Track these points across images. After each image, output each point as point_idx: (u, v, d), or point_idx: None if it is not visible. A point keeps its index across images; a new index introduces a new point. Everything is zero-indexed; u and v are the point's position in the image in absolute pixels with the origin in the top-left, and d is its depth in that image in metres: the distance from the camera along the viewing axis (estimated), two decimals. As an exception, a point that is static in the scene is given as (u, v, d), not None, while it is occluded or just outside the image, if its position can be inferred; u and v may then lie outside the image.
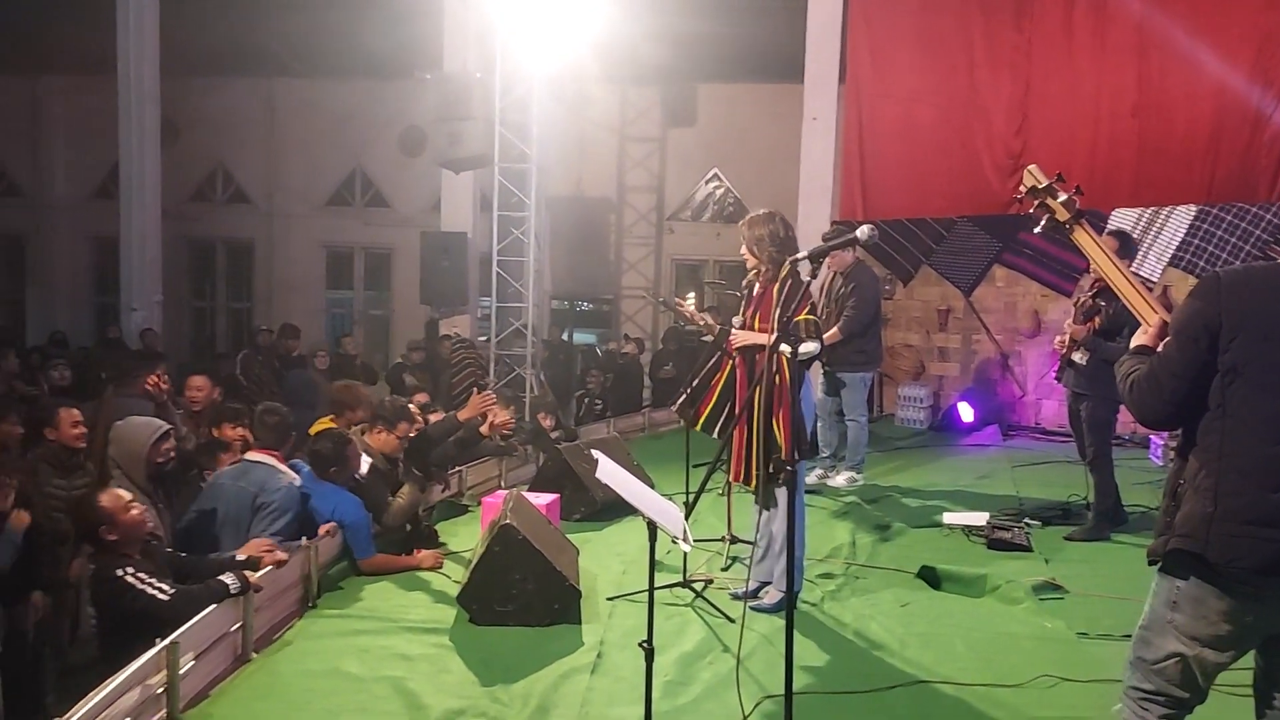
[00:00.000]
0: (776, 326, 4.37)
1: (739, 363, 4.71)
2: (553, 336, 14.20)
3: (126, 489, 4.28)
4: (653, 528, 3.13)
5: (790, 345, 3.59)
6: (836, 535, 5.99)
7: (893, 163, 10.09)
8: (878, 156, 10.14)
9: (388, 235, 15.86)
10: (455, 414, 6.37)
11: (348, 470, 5.21)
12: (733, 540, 5.56)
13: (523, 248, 11.61)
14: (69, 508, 4.71)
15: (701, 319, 5.84)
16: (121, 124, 11.98)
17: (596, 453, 3.90)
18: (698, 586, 4.91)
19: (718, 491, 6.24)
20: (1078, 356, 5.95)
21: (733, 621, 4.50)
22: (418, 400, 7.04)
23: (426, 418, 6.29)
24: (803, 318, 4.46)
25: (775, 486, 4.50)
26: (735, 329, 4.71)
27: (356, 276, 16.54)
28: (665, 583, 4.89)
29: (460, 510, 6.60)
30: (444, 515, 6.40)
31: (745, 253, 4.68)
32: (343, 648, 4.23)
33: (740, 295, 4.86)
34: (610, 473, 3.47)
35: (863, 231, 3.32)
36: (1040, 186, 3.08)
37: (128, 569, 3.80)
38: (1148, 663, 2.65)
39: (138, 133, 11.98)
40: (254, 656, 4.09)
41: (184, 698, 3.58)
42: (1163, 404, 2.59)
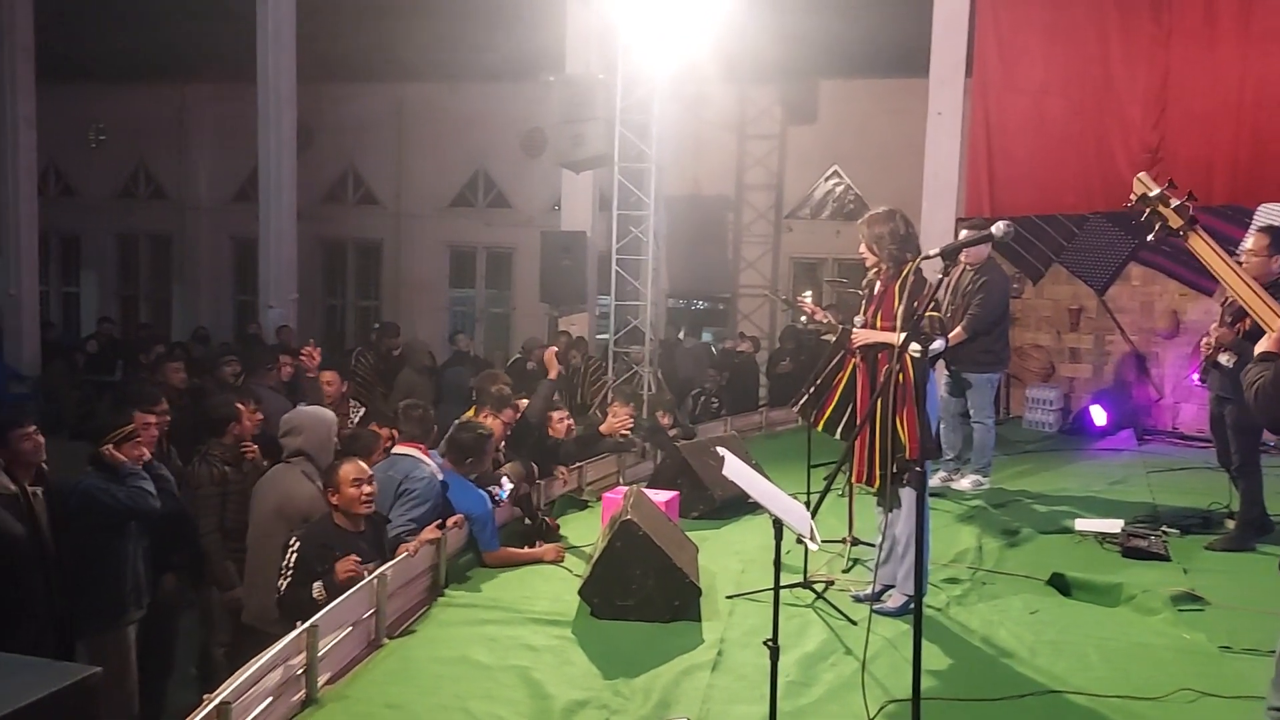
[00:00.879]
0: (903, 324, 4.30)
1: (860, 362, 4.66)
2: (668, 336, 14.25)
3: (310, 475, 4.93)
4: (779, 526, 3.12)
5: (920, 344, 3.55)
6: (962, 539, 5.85)
7: (1021, 157, 9.83)
8: (1005, 151, 9.89)
9: (509, 235, 16.18)
10: (594, 427, 6.69)
11: (483, 464, 5.34)
12: (854, 542, 5.50)
13: (641, 246, 11.73)
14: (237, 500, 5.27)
15: (825, 316, 5.79)
16: (260, 130, 12.49)
17: (723, 450, 3.92)
18: (819, 587, 4.87)
19: (839, 492, 6.15)
20: (1224, 359, 5.68)
21: (854, 624, 4.45)
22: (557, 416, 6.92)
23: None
24: (928, 315, 4.39)
25: (900, 487, 4.43)
26: (857, 328, 4.67)
27: (479, 275, 16.91)
28: (786, 583, 4.87)
29: (580, 505, 6.69)
30: (564, 510, 6.51)
31: (864, 251, 4.62)
32: (471, 636, 4.34)
33: (861, 294, 4.82)
34: (737, 470, 3.48)
35: (998, 228, 3.27)
36: (1151, 195, 3.09)
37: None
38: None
39: (275, 138, 12.44)
40: (386, 641, 4.24)
41: (321, 678, 3.74)
42: None
